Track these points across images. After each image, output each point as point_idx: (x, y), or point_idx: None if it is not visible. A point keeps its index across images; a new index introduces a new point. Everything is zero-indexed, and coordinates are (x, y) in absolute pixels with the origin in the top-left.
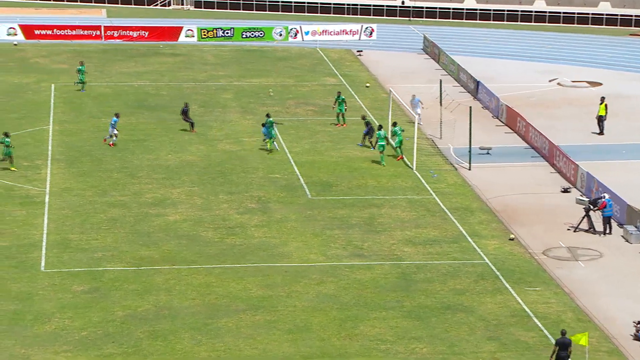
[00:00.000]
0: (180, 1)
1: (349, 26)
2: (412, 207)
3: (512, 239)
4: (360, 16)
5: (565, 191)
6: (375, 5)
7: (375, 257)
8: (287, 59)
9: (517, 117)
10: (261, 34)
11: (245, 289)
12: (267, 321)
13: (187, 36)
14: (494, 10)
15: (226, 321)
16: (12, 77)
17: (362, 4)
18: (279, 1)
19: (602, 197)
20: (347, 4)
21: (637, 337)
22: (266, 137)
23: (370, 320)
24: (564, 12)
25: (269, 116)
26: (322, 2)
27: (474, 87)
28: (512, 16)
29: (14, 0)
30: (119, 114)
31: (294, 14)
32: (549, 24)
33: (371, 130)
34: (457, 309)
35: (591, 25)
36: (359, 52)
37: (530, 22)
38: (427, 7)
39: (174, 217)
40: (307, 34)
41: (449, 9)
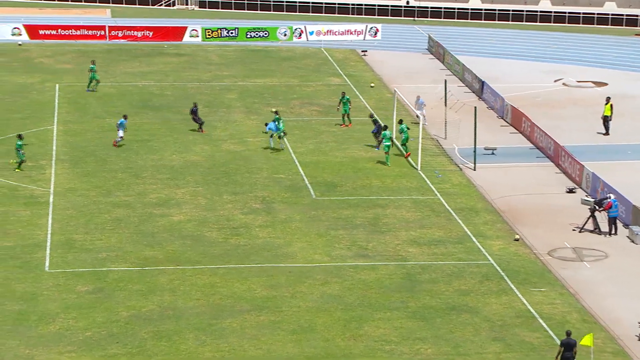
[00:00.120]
0: (184, 1)
1: (354, 26)
2: (416, 207)
3: (517, 240)
4: (364, 16)
5: (570, 192)
6: (380, 5)
7: (379, 258)
8: (292, 59)
9: (522, 117)
10: (266, 34)
11: (249, 289)
12: (271, 322)
13: (191, 36)
14: (499, 10)
15: (230, 321)
16: (17, 77)
17: (367, 4)
18: (283, 1)
19: (608, 198)
20: (352, 4)
21: None
22: (273, 131)
23: (374, 320)
24: (570, 12)
25: (277, 113)
26: (327, 2)
27: (479, 87)
28: (517, 16)
29: (18, 0)
30: (126, 116)
31: (299, 14)
32: (554, 23)
33: (380, 128)
34: (462, 309)
35: (597, 25)
36: (364, 52)
37: (535, 22)
38: (432, 7)
39: (178, 218)
40: (311, 34)
41: (453, 8)
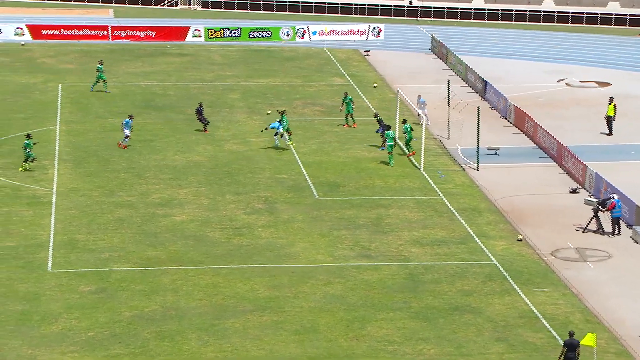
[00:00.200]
0: (187, 1)
1: (357, 26)
2: (419, 207)
3: (520, 240)
4: (367, 16)
5: (573, 192)
6: (382, 5)
7: (382, 258)
8: (295, 59)
9: (525, 117)
10: (268, 34)
11: (252, 289)
12: (274, 322)
13: (194, 36)
14: (502, 10)
15: (233, 322)
16: (20, 77)
17: (370, 4)
18: (286, 1)
19: (611, 198)
20: (355, 4)
21: None
22: (277, 129)
23: (377, 321)
24: (573, 12)
25: (284, 113)
26: (330, 2)
27: (482, 87)
28: (521, 16)
29: (21, 0)
30: (132, 116)
31: (302, 14)
32: (557, 23)
33: (385, 128)
34: (464, 310)
35: (600, 25)
36: (367, 52)
37: (538, 22)
38: (435, 7)
39: (181, 218)
40: (314, 34)
41: (456, 8)
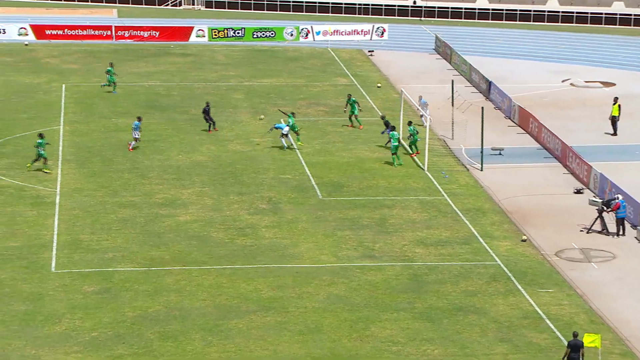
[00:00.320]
0: (191, 1)
1: (361, 26)
2: (423, 208)
3: (524, 240)
4: (371, 16)
5: (578, 192)
6: (386, 5)
7: (386, 258)
8: (298, 59)
9: (530, 117)
10: (272, 34)
11: (255, 290)
12: (277, 322)
13: (198, 36)
14: (506, 10)
15: (237, 322)
16: (23, 77)
17: (374, 4)
18: (290, 1)
19: (616, 198)
20: (359, 4)
21: None
22: (282, 129)
23: (381, 321)
24: (577, 12)
25: (293, 114)
26: (334, 2)
27: (486, 88)
28: (525, 16)
29: (25, 0)
30: (140, 117)
31: (305, 13)
32: (562, 23)
33: (391, 129)
34: (469, 310)
35: (604, 25)
36: (371, 52)
37: (543, 22)
38: (439, 7)
39: (185, 218)
40: (318, 34)
41: (461, 8)
